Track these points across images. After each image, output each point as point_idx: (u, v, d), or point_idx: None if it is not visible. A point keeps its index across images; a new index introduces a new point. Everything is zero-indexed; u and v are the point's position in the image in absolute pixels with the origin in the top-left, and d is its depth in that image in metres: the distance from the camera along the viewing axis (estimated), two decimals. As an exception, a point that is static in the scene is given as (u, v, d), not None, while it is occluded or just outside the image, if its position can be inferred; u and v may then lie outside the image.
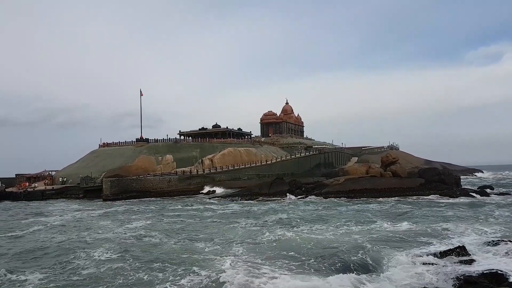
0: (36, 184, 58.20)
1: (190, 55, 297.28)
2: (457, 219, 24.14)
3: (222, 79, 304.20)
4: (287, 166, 68.28)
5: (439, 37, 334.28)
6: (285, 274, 12.85)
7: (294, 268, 13.73)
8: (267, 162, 66.27)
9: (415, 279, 12.04)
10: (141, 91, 69.26)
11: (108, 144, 68.84)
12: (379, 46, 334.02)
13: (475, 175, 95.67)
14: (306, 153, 75.77)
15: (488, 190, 43.05)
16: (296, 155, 73.08)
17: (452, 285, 11.05)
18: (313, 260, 14.52)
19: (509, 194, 41.51)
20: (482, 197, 38.59)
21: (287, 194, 42.86)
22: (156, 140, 67.55)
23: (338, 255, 14.99)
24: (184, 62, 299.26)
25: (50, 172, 65.40)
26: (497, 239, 16.58)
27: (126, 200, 46.25)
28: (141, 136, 67.89)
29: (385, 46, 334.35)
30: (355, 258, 14.56)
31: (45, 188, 55.77)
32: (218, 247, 17.60)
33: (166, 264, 14.60)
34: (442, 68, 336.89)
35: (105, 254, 16.47)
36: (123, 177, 52.23)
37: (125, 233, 21.83)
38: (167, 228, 23.47)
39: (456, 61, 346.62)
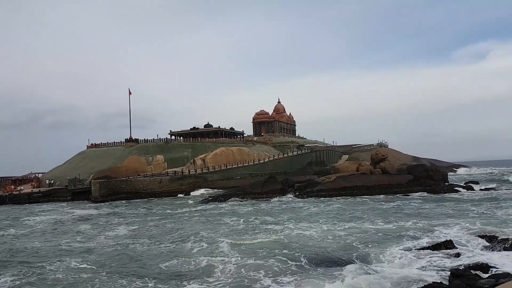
0: (22, 187, 56.89)
1: (181, 54, 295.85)
2: (444, 214, 24.41)
3: (214, 78, 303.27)
4: (279, 165, 67.98)
5: (427, 37, 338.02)
6: (282, 279, 12.32)
7: (290, 271, 13.25)
8: (260, 161, 65.93)
9: (405, 273, 12.14)
10: (129, 90, 68.25)
11: (96, 145, 67.76)
12: (370, 47, 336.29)
13: (462, 171, 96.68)
14: (298, 152, 75.63)
15: (474, 185, 43.83)
16: (289, 154, 72.84)
17: (440, 278, 11.25)
18: (305, 261, 14.32)
19: (493, 189, 42.27)
20: (468, 192, 39.32)
21: (280, 193, 42.65)
22: (146, 140, 66.61)
23: (329, 254, 15.07)
24: (175, 61, 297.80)
25: (37, 175, 64.35)
26: (482, 233, 17.02)
27: (116, 202, 45.45)
28: (131, 136, 66.87)
29: (375, 46, 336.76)
30: (346, 255, 14.67)
31: (32, 191, 54.52)
32: (206, 247, 17.29)
33: (149, 271, 13.96)
34: (430, 67, 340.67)
35: (80, 260, 15.85)
36: (112, 178, 51.31)
37: (108, 238, 21.23)
38: (154, 231, 23.04)
39: (444, 60, 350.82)
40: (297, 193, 41.88)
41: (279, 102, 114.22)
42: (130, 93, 68.25)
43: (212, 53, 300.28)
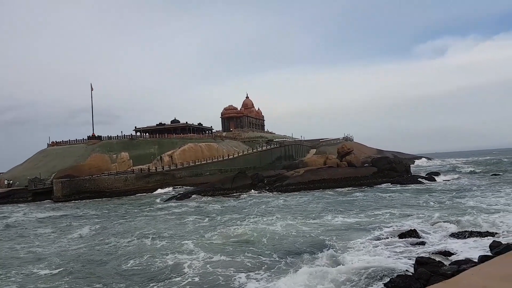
0: (-24, 189, 53.35)
1: (146, 50, 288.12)
2: (407, 204, 25.31)
3: (181, 73, 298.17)
4: (249, 160, 67.90)
5: (391, 34, 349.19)
6: (255, 276, 12.19)
7: (261, 266, 13.21)
8: (229, 157, 65.47)
9: (371, 263, 12.36)
10: (91, 86, 65.55)
11: (57, 143, 64.60)
12: (336, 43, 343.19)
13: (422, 162, 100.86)
14: (268, 147, 75.90)
15: (435, 176, 45.72)
16: (258, 149, 72.92)
17: (406, 266, 11.58)
18: (276, 256, 14.27)
19: (453, 179, 44.48)
20: (430, 183, 40.98)
21: (250, 188, 42.63)
22: (110, 137, 64.14)
23: (297, 247, 15.18)
24: (141, 56, 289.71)
25: (-7, 175, 60.52)
26: (444, 222, 17.72)
27: (79, 202, 43.67)
28: (93, 133, 64.32)
29: (342, 43, 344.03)
30: (314, 248, 14.81)
31: (-13, 192, 51.24)
32: (173, 246, 16.87)
33: (115, 274, 13.41)
34: (393, 62, 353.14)
35: (39, 266, 14.91)
36: (75, 177, 49.21)
37: (70, 241, 20.14)
38: (119, 231, 22.16)
39: (406, 56, 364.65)
40: (267, 188, 41.98)
41: (247, 97, 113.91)
42: (92, 89, 65.61)
43: (179, 49, 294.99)
